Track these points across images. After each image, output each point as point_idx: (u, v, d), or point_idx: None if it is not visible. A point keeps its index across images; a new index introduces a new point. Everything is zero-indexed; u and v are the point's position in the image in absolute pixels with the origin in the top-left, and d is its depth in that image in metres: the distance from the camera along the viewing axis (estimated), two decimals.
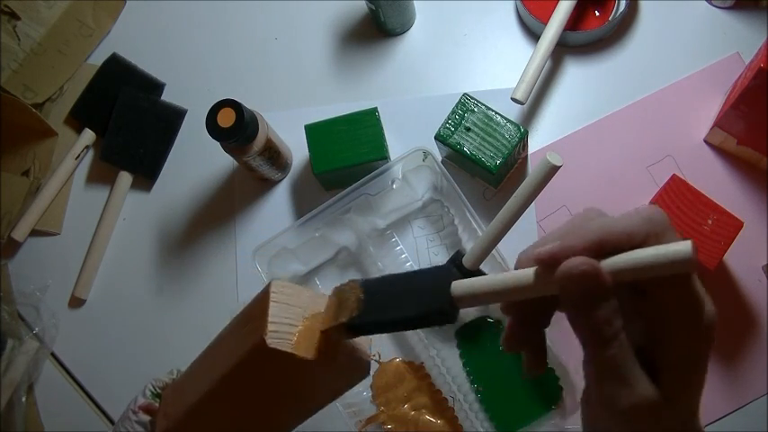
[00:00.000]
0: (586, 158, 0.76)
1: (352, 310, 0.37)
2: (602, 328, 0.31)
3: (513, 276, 0.33)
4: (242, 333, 0.42)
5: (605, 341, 0.31)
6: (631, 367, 0.32)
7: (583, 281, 0.31)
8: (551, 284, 0.32)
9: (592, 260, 0.31)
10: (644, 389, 0.32)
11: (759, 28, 0.77)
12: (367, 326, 0.37)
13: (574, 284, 0.31)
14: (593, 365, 0.32)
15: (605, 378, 0.32)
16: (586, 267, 0.31)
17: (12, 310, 0.79)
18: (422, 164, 0.71)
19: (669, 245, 0.30)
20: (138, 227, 0.82)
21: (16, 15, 0.84)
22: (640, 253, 0.31)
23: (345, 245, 0.76)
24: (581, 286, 0.31)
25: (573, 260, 0.31)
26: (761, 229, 0.71)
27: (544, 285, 0.32)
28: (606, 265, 0.31)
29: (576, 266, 0.31)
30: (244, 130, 0.68)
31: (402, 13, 0.79)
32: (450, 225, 0.75)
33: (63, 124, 0.86)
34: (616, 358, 0.31)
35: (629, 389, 0.31)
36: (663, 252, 0.30)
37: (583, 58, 0.79)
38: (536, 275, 0.33)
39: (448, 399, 0.69)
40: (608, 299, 0.31)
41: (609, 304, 0.31)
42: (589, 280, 0.31)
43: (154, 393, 0.58)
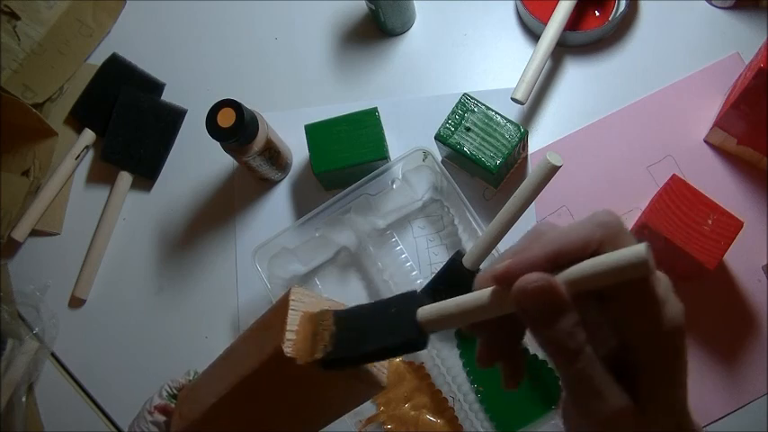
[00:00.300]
0: (586, 158, 0.76)
1: (326, 345, 0.38)
2: (565, 343, 0.30)
3: (472, 298, 0.33)
4: (260, 339, 0.42)
5: (570, 356, 0.31)
6: (601, 378, 0.31)
7: (538, 296, 0.30)
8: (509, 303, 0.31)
9: (545, 275, 0.30)
10: (616, 399, 0.31)
11: (759, 28, 0.77)
12: (341, 361, 0.38)
13: (530, 301, 0.31)
14: (563, 379, 0.32)
15: (577, 391, 0.32)
16: (541, 283, 0.30)
17: (12, 310, 0.79)
18: (422, 164, 0.71)
19: (622, 250, 0.30)
20: (138, 227, 0.82)
21: (16, 15, 0.84)
22: (594, 261, 0.30)
23: (345, 245, 0.76)
24: (537, 302, 0.30)
25: (527, 276, 0.30)
26: (761, 229, 0.71)
27: (503, 304, 0.32)
28: (562, 278, 0.31)
29: (529, 282, 0.30)
30: (244, 130, 0.68)
31: (402, 13, 0.79)
32: (450, 225, 0.75)
33: (63, 124, 0.86)
34: (584, 372, 0.31)
35: (601, 400, 0.31)
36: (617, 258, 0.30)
37: (583, 58, 0.79)
38: (494, 295, 0.33)
39: (448, 399, 0.69)
40: (566, 312, 0.30)
41: (568, 318, 0.31)
42: (544, 295, 0.30)
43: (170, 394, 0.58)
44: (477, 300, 0.33)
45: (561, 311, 0.30)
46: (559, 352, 0.31)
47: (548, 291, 0.30)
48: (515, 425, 0.68)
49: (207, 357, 0.60)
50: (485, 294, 0.33)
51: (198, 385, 0.53)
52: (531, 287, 0.30)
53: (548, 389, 0.68)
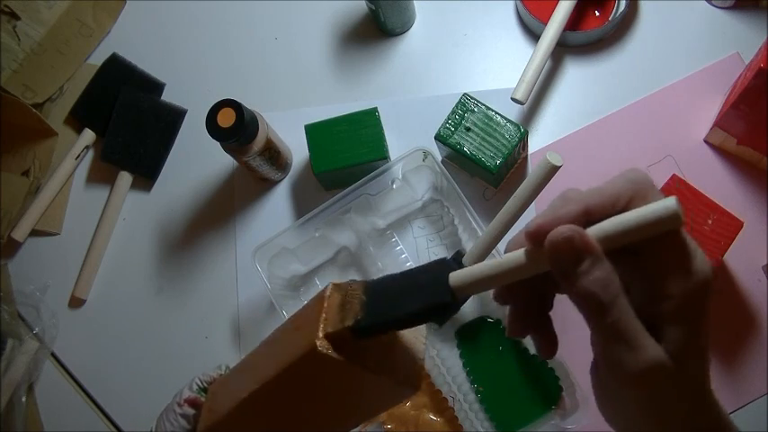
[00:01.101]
0: (586, 158, 0.76)
1: (356, 312, 0.37)
2: (599, 294, 0.30)
3: (506, 259, 0.34)
4: (294, 336, 0.42)
5: (604, 307, 0.31)
6: (636, 330, 0.31)
7: (568, 246, 0.31)
8: (542, 261, 0.32)
9: (575, 226, 0.31)
10: (652, 351, 0.31)
11: (759, 28, 0.77)
12: (372, 328, 0.37)
13: (562, 252, 0.31)
14: (596, 334, 0.32)
15: (611, 345, 0.31)
16: (570, 232, 0.31)
17: (12, 310, 0.79)
18: (422, 164, 0.71)
19: (653, 204, 0.30)
20: (138, 227, 0.82)
21: (16, 15, 0.84)
22: (626, 216, 0.31)
23: (345, 245, 0.76)
24: (569, 252, 0.31)
25: (558, 229, 0.31)
26: (761, 229, 0.71)
27: (536, 262, 0.32)
28: (593, 233, 0.31)
29: (561, 233, 0.31)
30: (244, 130, 0.68)
31: (402, 13, 0.79)
32: (450, 225, 0.75)
33: (63, 124, 0.86)
34: (619, 323, 0.31)
35: (636, 353, 0.31)
36: (649, 211, 0.30)
37: (583, 58, 0.79)
38: (527, 254, 0.33)
39: (448, 399, 0.69)
40: (599, 262, 0.31)
41: (601, 267, 0.31)
42: (575, 244, 0.31)
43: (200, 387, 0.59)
44: (509, 261, 0.33)
45: (594, 261, 0.31)
46: (593, 303, 0.31)
47: (578, 240, 0.31)
48: (515, 425, 0.68)
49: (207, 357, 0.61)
50: (517, 254, 0.33)
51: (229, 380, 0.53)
52: (563, 237, 0.31)
53: (548, 389, 0.68)
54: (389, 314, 0.36)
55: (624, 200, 0.32)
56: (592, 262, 0.31)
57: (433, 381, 0.70)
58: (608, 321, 0.31)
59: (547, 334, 0.37)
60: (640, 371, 0.31)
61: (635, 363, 0.31)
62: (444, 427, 0.69)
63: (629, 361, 0.31)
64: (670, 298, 0.32)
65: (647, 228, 0.30)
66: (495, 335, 0.71)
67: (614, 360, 0.31)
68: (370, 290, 0.38)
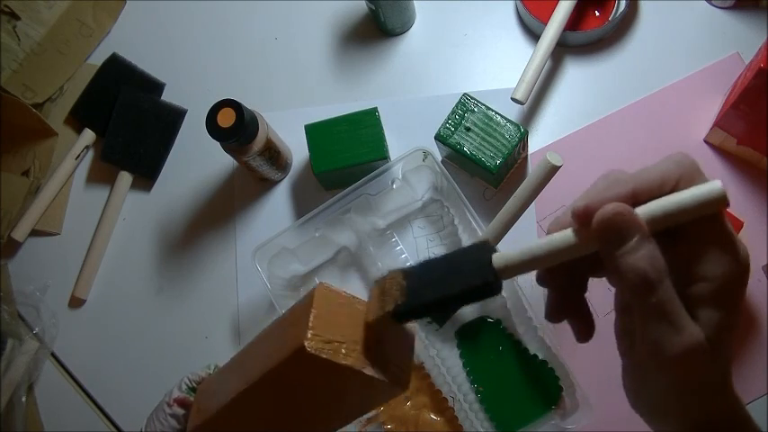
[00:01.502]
0: (586, 158, 0.76)
1: (396, 297, 0.37)
2: (647, 271, 0.30)
3: (551, 239, 0.33)
4: (283, 335, 0.42)
5: (651, 285, 0.31)
6: (679, 311, 0.31)
7: (618, 223, 0.31)
8: (589, 240, 0.32)
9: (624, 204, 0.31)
10: (693, 332, 0.31)
11: (759, 28, 0.77)
12: (414, 310, 0.37)
13: (610, 229, 0.31)
14: (639, 312, 0.32)
15: (654, 324, 0.31)
16: (619, 208, 0.31)
17: (12, 310, 0.79)
18: (422, 164, 0.71)
19: (700, 186, 0.31)
20: (138, 227, 0.82)
21: (16, 15, 0.84)
22: (673, 197, 0.31)
23: (345, 245, 0.76)
24: (617, 229, 0.31)
25: (607, 206, 0.31)
26: (761, 229, 0.71)
27: (582, 242, 0.32)
28: (642, 212, 0.31)
29: (609, 210, 0.31)
30: (244, 130, 0.68)
31: (402, 13, 0.79)
32: (450, 225, 0.75)
33: (63, 124, 0.86)
34: (664, 302, 0.31)
35: (677, 333, 0.31)
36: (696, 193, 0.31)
37: (583, 58, 0.79)
38: (574, 234, 0.33)
39: (448, 399, 0.69)
40: (647, 240, 0.31)
41: (649, 245, 0.31)
42: (624, 220, 0.31)
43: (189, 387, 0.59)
44: (555, 241, 0.33)
45: (642, 239, 0.31)
46: (640, 281, 0.31)
47: (629, 217, 0.31)
48: (515, 425, 0.68)
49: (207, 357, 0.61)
50: (563, 234, 0.33)
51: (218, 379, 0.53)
52: (613, 213, 0.31)
53: (548, 389, 0.68)
54: (432, 296, 0.36)
55: (671, 182, 0.32)
56: (639, 239, 0.31)
57: (433, 381, 0.70)
58: (653, 300, 0.31)
59: (584, 317, 0.37)
60: (682, 352, 0.31)
61: (677, 343, 0.31)
62: (444, 427, 0.69)
63: (670, 341, 0.31)
64: (711, 280, 0.32)
65: (693, 209, 0.30)
66: (495, 335, 0.71)
67: (655, 339, 0.31)
68: (410, 275, 0.38)
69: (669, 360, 0.31)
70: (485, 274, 0.34)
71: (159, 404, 0.59)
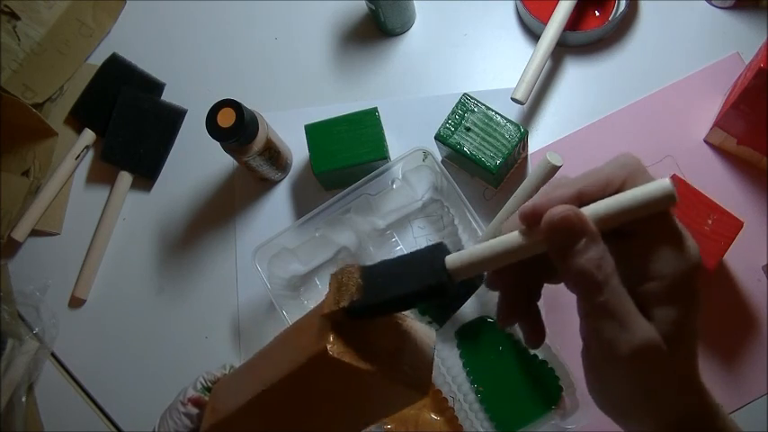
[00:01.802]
0: (586, 158, 0.76)
1: (352, 294, 0.38)
2: (593, 273, 0.31)
3: (502, 240, 0.34)
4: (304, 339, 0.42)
5: (598, 285, 0.31)
6: (628, 310, 0.31)
7: (565, 225, 0.31)
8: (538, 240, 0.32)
9: (572, 206, 0.31)
10: (644, 331, 0.31)
11: (759, 28, 0.77)
12: (368, 308, 0.37)
13: (558, 231, 0.31)
14: (589, 313, 0.32)
15: (603, 324, 0.32)
16: (567, 212, 0.31)
17: (12, 310, 0.79)
18: (422, 164, 0.71)
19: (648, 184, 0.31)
20: (138, 227, 0.82)
21: (16, 15, 0.84)
22: (621, 196, 0.31)
23: (345, 245, 0.75)
24: (565, 231, 0.31)
25: (554, 208, 0.31)
26: (761, 229, 0.71)
27: (531, 243, 0.33)
28: (588, 212, 0.32)
29: (558, 212, 0.31)
30: (244, 130, 0.68)
31: (402, 13, 0.79)
32: (450, 225, 0.75)
33: (63, 124, 0.86)
34: (610, 302, 0.31)
35: (628, 332, 0.31)
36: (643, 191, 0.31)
37: (583, 58, 0.79)
38: (523, 234, 0.33)
39: (448, 399, 0.69)
40: (593, 242, 0.31)
41: (597, 247, 0.31)
42: (572, 222, 0.31)
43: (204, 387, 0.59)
44: (505, 242, 0.34)
45: (589, 240, 0.31)
46: (587, 282, 0.31)
47: (576, 219, 0.31)
48: (515, 425, 0.68)
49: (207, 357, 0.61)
50: (513, 236, 0.33)
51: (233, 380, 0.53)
52: (560, 216, 0.31)
53: (548, 389, 0.68)
54: (385, 294, 0.37)
55: (616, 183, 0.33)
56: (587, 241, 0.31)
57: (433, 381, 0.70)
58: (601, 300, 0.31)
59: (534, 323, 0.37)
60: (632, 350, 0.31)
61: (627, 342, 0.31)
62: (444, 427, 0.69)
63: (621, 340, 0.31)
64: (661, 278, 0.32)
65: (642, 207, 0.31)
66: (495, 335, 0.71)
67: (606, 339, 0.32)
68: (366, 273, 0.39)
69: (622, 359, 0.32)
70: (437, 274, 0.35)
71: (173, 402, 0.59)
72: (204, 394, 0.58)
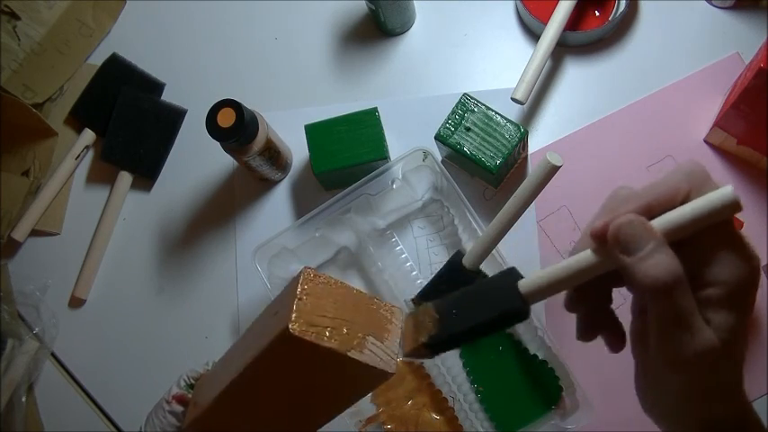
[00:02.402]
0: (586, 158, 0.76)
1: (429, 329, 0.39)
2: (662, 277, 0.31)
3: (573, 261, 0.35)
4: (269, 322, 0.43)
5: (668, 288, 0.31)
6: (694, 315, 0.32)
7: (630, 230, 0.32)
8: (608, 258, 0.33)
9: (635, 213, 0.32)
10: (707, 335, 0.32)
11: (759, 28, 0.77)
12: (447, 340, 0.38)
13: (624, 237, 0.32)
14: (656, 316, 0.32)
15: (668, 327, 0.32)
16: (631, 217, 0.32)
17: (12, 310, 0.79)
18: (422, 164, 0.71)
19: (712, 194, 0.31)
20: (138, 227, 0.82)
21: (16, 15, 0.84)
22: (688, 208, 0.32)
23: (345, 245, 0.76)
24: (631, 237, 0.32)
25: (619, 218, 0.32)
26: (761, 229, 0.71)
27: (601, 259, 0.33)
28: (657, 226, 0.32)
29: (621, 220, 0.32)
30: (244, 130, 0.68)
31: (402, 13, 0.79)
32: (450, 225, 0.75)
33: (63, 124, 0.86)
34: (680, 306, 0.31)
35: (692, 336, 0.31)
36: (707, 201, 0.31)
37: (583, 58, 0.79)
38: (594, 253, 0.34)
39: (448, 399, 0.69)
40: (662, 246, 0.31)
41: (665, 251, 0.31)
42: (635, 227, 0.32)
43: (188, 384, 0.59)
44: (576, 262, 0.34)
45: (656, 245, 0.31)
46: (656, 285, 0.31)
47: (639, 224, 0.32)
48: (515, 425, 0.68)
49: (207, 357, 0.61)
50: (583, 255, 0.34)
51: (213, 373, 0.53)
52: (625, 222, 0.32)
53: (547, 389, 0.68)
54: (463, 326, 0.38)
55: (682, 194, 0.33)
56: (654, 246, 0.31)
57: (433, 381, 0.70)
58: (669, 305, 0.31)
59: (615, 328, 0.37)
60: (697, 354, 0.31)
61: (692, 346, 0.31)
62: (444, 427, 0.69)
63: (686, 344, 0.32)
64: (721, 285, 0.32)
65: (707, 218, 0.31)
66: (495, 335, 0.71)
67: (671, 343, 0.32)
68: (441, 307, 0.39)
69: (684, 362, 0.32)
70: (513, 301, 0.36)
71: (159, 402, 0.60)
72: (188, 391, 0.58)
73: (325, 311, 0.40)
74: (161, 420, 0.58)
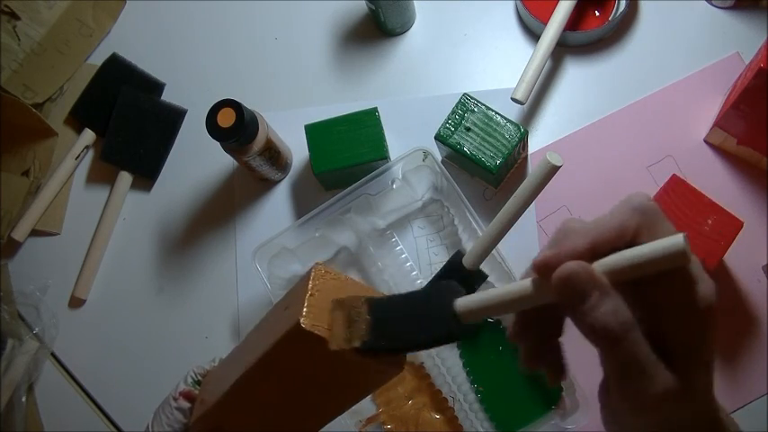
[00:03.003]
0: (586, 158, 0.76)
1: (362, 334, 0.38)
2: (611, 325, 0.30)
3: (513, 288, 0.34)
4: (280, 317, 0.42)
5: (616, 339, 0.31)
6: (648, 359, 0.31)
7: (575, 281, 0.31)
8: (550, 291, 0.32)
9: (582, 262, 0.31)
10: (665, 379, 0.31)
11: (759, 28, 0.77)
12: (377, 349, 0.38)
13: (568, 288, 0.31)
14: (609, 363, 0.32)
15: (624, 374, 0.32)
16: (576, 268, 0.31)
17: (12, 310, 0.79)
18: (422, 164, 0.71)
19: (660, 241, 0.30)
20: (138, 227, 0.82)
21: (16, 15, 0.84)
22: (632, 252, 0.31)
23: (345, 245, 0.76)
24: (575, 288, 0.31)
25: (565, 265, 0.31)
26: (761, 229, 0.71)
27: (543, 292, 0.33)
28: (600, 267, 0.31)
29: (565, 270, 0.31)
30: (244, 130, 0.68)
31: (402, 13, 0.79)
32: (450, 225, 0.75)
33: (63, 124, 0.86)
34: (632, 353, 0.31)
35: (649, 381, 0.31)
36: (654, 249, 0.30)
37: (583, 58, 0.79)
38: (534, 284, 0.33)
39: (448, 399, 0.69)
40: (607, 296, 0.31)
41: (610, 300, 0.31)
42: (581, 279, 0.31)
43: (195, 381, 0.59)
44: (517, 289, 0.34)
45: (602, 294, 0.31)
46: (605, 335, 0.31)
47: (585, 275, 0.31)
48: (515, 425, 0.68)
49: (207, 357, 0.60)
50: (525, 284, 0.33)
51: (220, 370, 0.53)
52: (567, 273, 0.31)
53: (547, 389, 0.68)
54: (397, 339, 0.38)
55: (631, 231, 0.32)
56: (600, 295, 0.31)
57: (433, 381, 0.70)
58: (620, 353, 0.31)
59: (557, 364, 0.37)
60: (653, 399, 0.31)
61: (649, 391, 0.31)
62: (444, 427, 0.69)
63: (642, 390, 0.31)
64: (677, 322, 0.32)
65: (654, 264, 0.30)
66: (495, 335, 0.71)
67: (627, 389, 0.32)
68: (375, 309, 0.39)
69: (643, 407, 0.32)
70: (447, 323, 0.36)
71: (166, 398, 0.60)
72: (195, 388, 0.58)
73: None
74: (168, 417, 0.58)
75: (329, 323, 0.39)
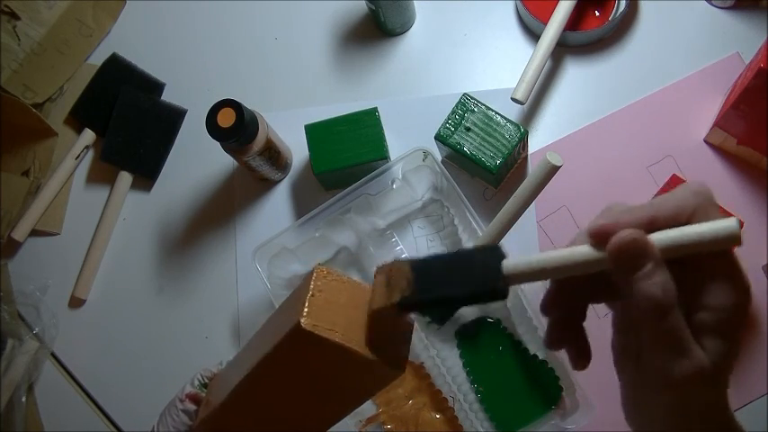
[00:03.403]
0: (586, 158, 0.76)
1: (402, 289, 0.37)
2: (659, 298, 0.31)
3: (563, 253, 0.34)
4: (282, 319, 0.43)
5: (663, 310, 0.31)
6: (687, 336, 0.32)
7: (633, 247, 0.31)
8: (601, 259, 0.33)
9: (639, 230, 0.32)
10: (700, 358, 0.32)
11: (759, 28, 0.77)
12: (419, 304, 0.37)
13: (625, 253, 0.32)
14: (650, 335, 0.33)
15: (662, 347, 0.32)
16: (636, 235, 0.32)
17: (12, 310, 0.79)
18: (422, 164, 0.71)
19: (716, 222, 0.31)
20: (138, 227, 0.82)
21: (16, 15, 0.84)
22: (689, 230, 0.32)
23: (345, 245, 0.76)
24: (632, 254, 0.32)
25: (623, 231, 0.32)
26: (761, 229, 0.71)
27: (594, 259, 0.33)
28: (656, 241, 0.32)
29: (625, 236, 0.32)
30: (244, 130, 0.68)
31: (402, 13, 0.79)
32: (450, 225, 0.75)
33: (63, 124, 0.86)
34: (674, 328, 0.32)
35: (685, 359, 0.32)
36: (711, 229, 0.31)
37: (583, 58, 0.79)
38: (585, 251, 0.33)
39: (448, 399, 0.69)
40: (660, 267, 0.32)
41: (662, 272, 0.32)
42: (638, 246, 0.31)
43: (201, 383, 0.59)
44: (568, 254, 0.34)
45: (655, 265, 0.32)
46: (656, 305, 0.32)
47: (643, 243, 0.32)
48: (515, 425, 0.68)
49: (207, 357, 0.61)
50: (577, 250, 0.34)
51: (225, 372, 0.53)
52: (628, 239, 0.32)
53: (547, 389, 0.68)
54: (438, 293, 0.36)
55: (687, 212, 0.33)
56: (654, 266, 0.32)
57: (433, 381, 0.70)
58: (664, 325, 0.32)
59: (583, 345, 0.38)
60: (687, 375, 0.32)
61: (683, 367, 0.32)
62: (444, 427, 0.69)
63: (677, 365, 0.32)
64: (714, 310, 0.33)
65: (706, 244, 0.31)
66: (495, 335, 0.71)
67: (663, 362, 0.32)
68: (417, 267, 0.38)
69: (674, 382, 0.32)
70: (494, 279, 0.35)
71: (172, 401, 0.60)
72: (201, 390, 0.59)
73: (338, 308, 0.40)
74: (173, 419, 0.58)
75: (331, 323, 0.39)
